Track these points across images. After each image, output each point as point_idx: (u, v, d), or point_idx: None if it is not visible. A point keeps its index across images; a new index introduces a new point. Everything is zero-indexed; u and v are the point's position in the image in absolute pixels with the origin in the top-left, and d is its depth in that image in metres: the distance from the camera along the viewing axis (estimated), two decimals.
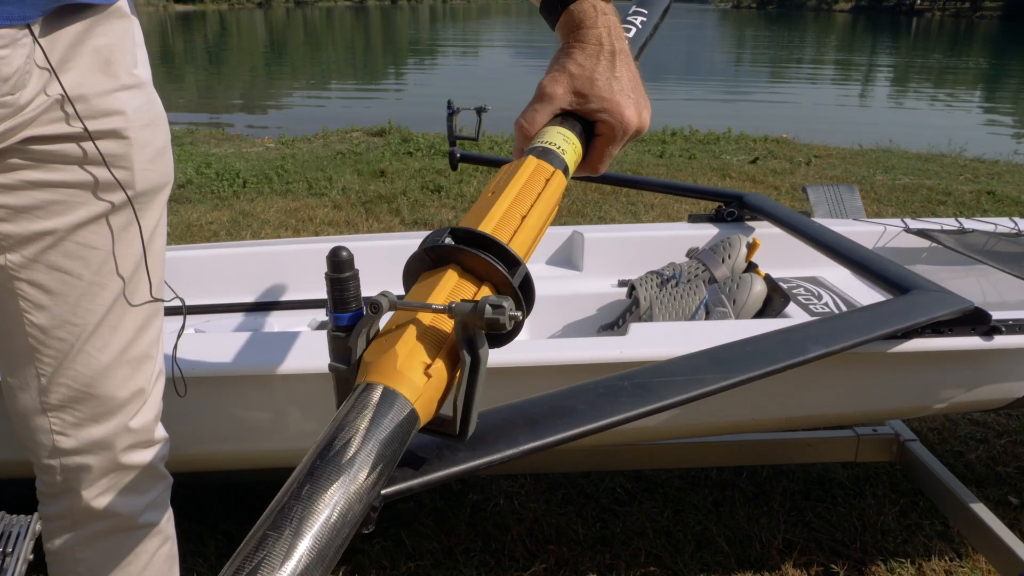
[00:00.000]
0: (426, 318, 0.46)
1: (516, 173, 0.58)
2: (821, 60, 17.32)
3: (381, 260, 1.65)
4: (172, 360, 0.87)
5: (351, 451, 0.37)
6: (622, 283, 1.72)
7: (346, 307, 0.50)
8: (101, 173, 0.72)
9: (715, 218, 1.80)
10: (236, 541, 1.54)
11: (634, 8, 0.91)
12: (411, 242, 1.78)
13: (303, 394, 1.18)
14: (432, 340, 0.45)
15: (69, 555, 0.86)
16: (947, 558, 1.52)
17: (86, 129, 0.69)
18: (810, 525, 1.60)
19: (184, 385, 0.89)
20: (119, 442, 0.80)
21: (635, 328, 1.20)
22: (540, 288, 1.65)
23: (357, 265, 0.51)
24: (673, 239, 1.77)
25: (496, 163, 2.22)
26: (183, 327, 0.87)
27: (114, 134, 0.72)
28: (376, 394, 0.41)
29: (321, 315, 1.62)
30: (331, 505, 0.35)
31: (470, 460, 0.54)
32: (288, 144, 5.90)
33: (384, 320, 0.48)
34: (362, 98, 10.19)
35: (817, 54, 19.00)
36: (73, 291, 0.74)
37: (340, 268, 0.50)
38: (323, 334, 1.31)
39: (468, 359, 0.45)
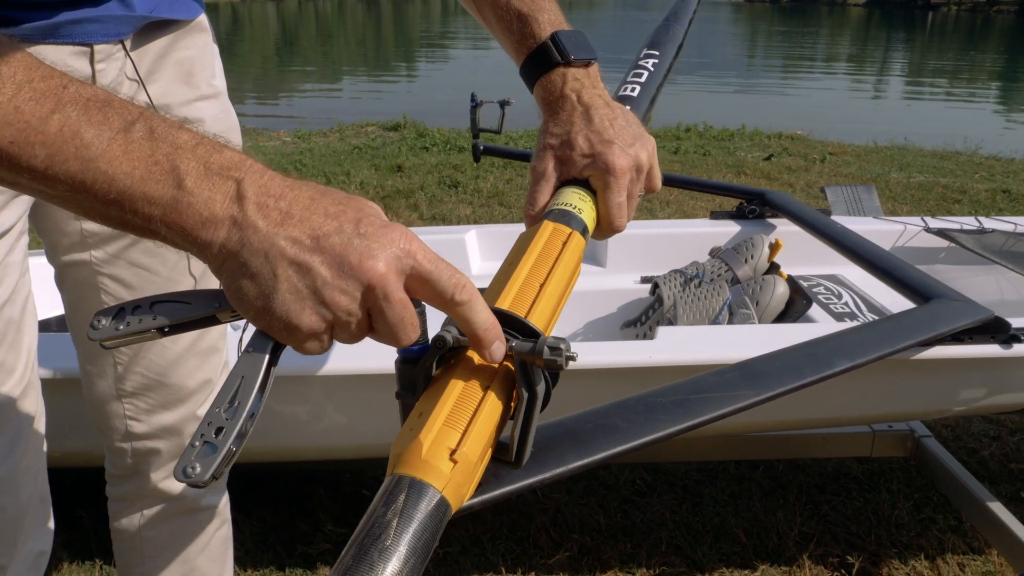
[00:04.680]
0: (456, 389, 0.47)
1: (532, 241, 0.59)
2: (835, 55, 17.23)
3: None
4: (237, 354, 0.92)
5: (383, 549, 0.40)
6: (645, 280, 1.76)
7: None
8: None
9: (736, 215, 1.84)
10: (269, 528, 1.60)
11: (645, 51, 0.90)
12: (431, 238, 1.82)
13: (340, 392, 1.23)
14: (461, 415, 0.46)
15: (135, 534, 0.91)
16: (960, 552, 1.56)
17: None
18: (826, 518, 1.65)
19: None
20: (187, 428, 0.86)
21: (663, 332, 1.24)
22: None
23: None
24: (695, 236, 1.80)
25: (519, 156, 2.25)
26: (247, 323, 0.92)
27: None
28: (404, 488, 0.43)
29: None
30: None
31: (525, 479, 0.56)
32: (304, 138, 5.95)
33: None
34: (375, 92, 10.23)
35: (831, 49, 18.90)
36: (150, 286, 0.79)
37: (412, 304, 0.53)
38: None
39: (526, 395, 0.48)
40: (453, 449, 0.44)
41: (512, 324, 0.50)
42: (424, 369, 0.49)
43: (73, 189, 0.40)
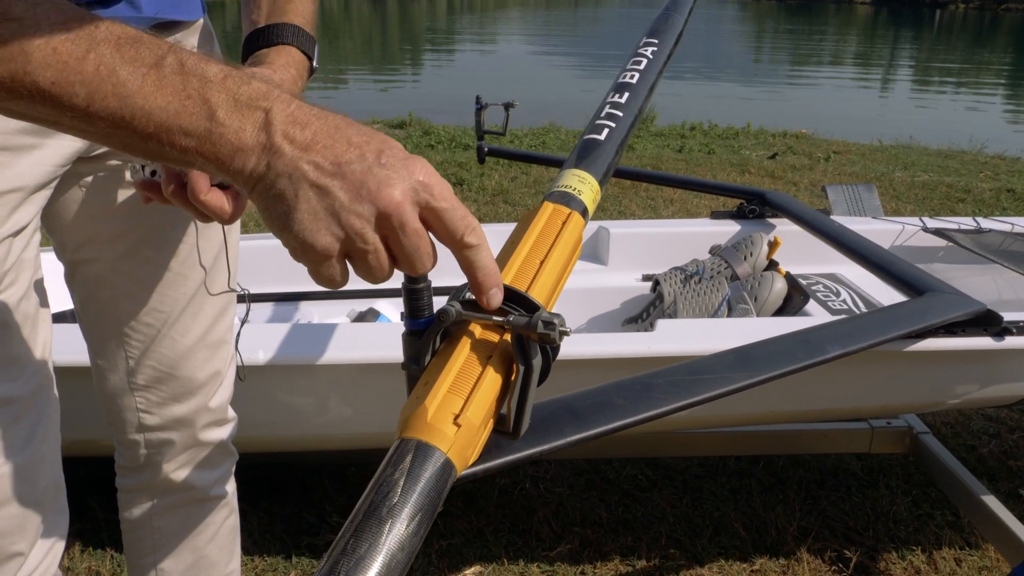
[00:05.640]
0: (459, 359, 0.49)
1: (533, 221, 0.61)
2: (842, 54, 17.18)
3: None
4: (234, 348, 0.95)
5: (391, 506, 0.42)
6: (646, 278, 1.78)
7: (419, 314, 0.53)
8: None
9: (737, 215, 1.86)
10: (276, 519, 1.62)
11: (645, 40, 0.91)
12: None
13: (344, 382, 1.26)
14: (464, 383, 0.48)
15: (146, 523, 0.94)
16: (957, 546, 1.58)
17: None
18: (824, 513, 1.67)
19: (244, 372, 0.97)
20: (198, 420, 0.88)
21: (662, 324, 1.26)
22: (568, 281, 1.71)
23: None
24: (696, 235, 1.83)
25: (522, 157, 2.28)
26: (247, 316, 0.95)
27: None
28: (411, 449, 0.45)
29: (358, 306, 1.70)
30: (376, 559, 0.40)
31: (525, 449, 0.58)
32: None
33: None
34: (381, 90, 10.26)
35: (837, 48, 18.84)
36: (161, 281, 0.82)
37: (415, 280, 0.54)
38: (361, 325, 1.39)
39: (522, 368, 0.50)
40: (457, 414, 0.47)
41: (513, 298, 0.51)
42: (429, 341, 0.51)
43: (113, 125, 0.43)
